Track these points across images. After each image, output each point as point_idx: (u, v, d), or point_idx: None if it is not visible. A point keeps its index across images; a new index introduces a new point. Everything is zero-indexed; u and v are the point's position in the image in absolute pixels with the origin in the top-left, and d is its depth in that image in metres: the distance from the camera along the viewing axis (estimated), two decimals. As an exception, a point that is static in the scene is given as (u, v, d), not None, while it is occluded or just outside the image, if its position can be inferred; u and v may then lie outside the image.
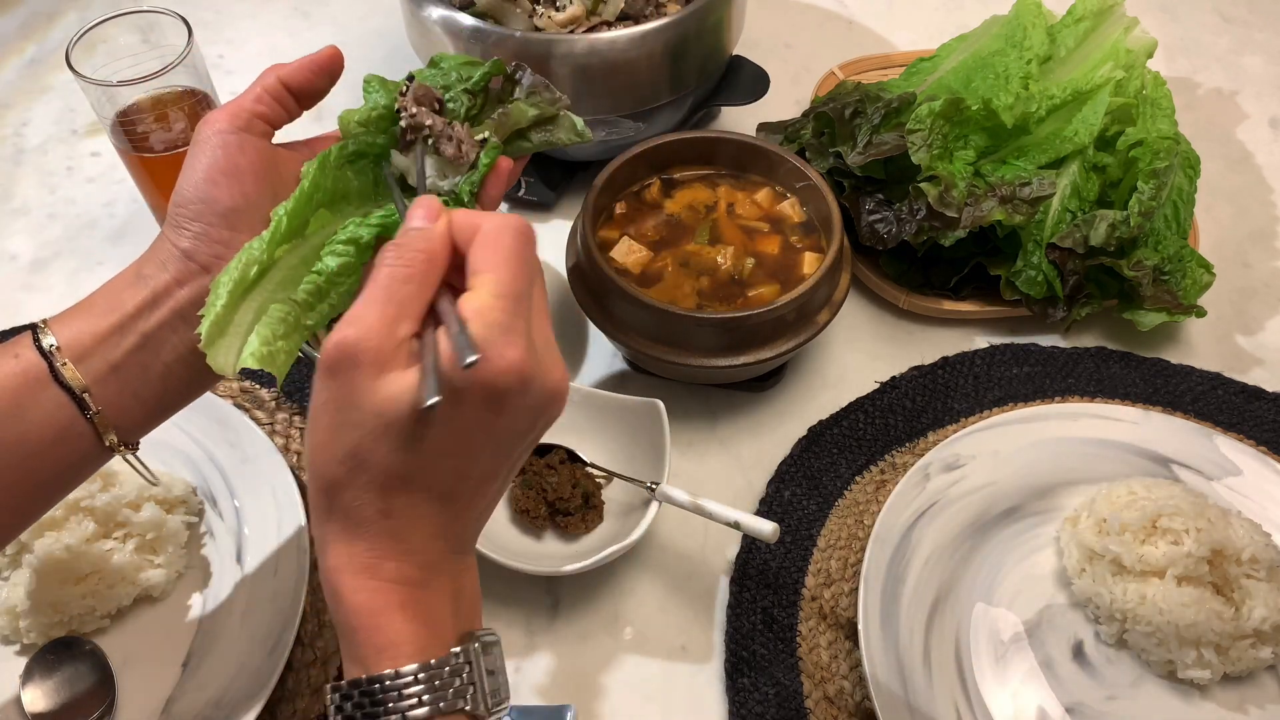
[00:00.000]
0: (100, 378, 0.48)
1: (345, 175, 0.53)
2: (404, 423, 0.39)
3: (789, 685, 0.65)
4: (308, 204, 0.50)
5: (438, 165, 0.54)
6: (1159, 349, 0.83)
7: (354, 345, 0.39)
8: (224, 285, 0.47)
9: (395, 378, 0.39)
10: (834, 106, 0.86)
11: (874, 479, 0.75)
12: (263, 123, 0.52)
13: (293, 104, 0.54)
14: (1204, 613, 0.62)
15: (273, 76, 0.52)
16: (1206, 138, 1.00)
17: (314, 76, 0.54)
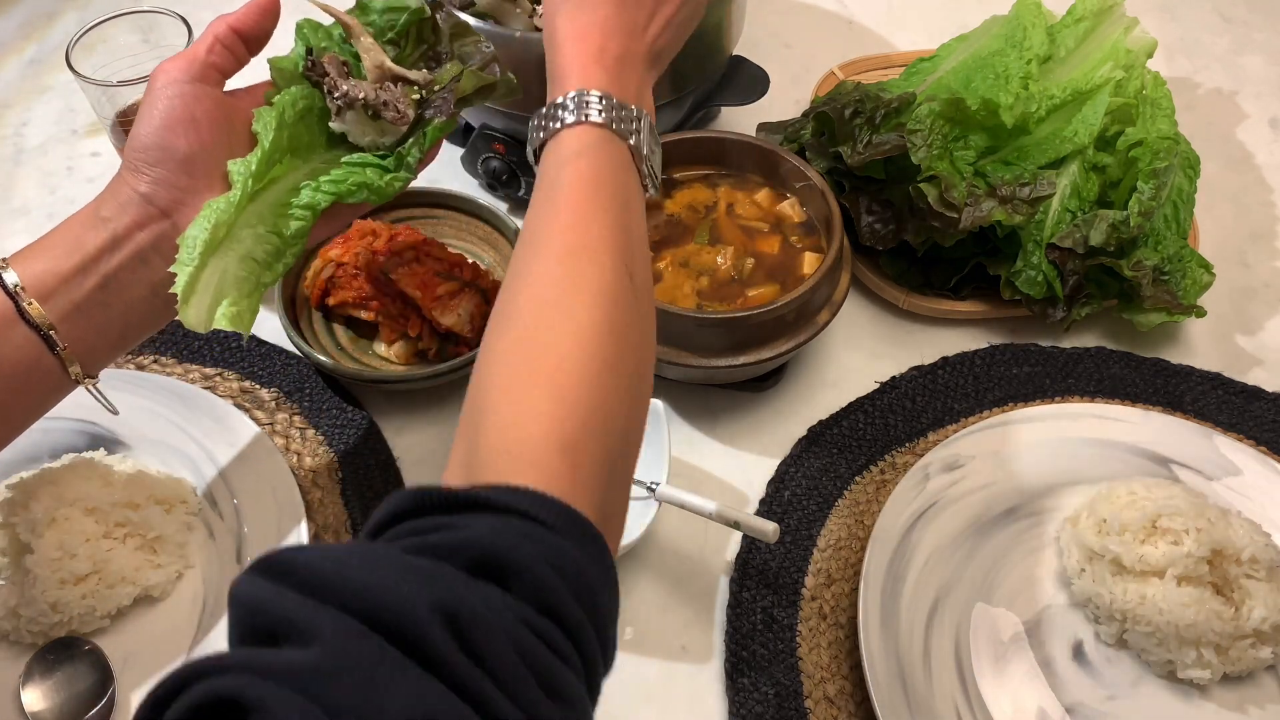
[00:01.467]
0: (65, 316, 0.52)
1: (299, 130, 0.57)
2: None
3: (789, 685, 0.65)
4: (267, 163, 0.54)
5: (376, 126, 0.58)
6: (1159, 349, 0.83)
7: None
8: (195, 244, 0.50)
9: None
10: (834, 106, 0.86)
11: (874, 479, 0.75)
12: (216, 72, 0.55)
13: (243, 50, 0.56)
14: (1204, 613, 0.62)
15: (223, 25, 0.55)
16: (1206, 138, 1.00)
17: (261, 19, 0.57)
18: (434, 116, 0.59)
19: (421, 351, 0.79)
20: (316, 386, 0.79)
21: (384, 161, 0.58)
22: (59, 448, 0.72)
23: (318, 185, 0.55)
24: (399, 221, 0.86)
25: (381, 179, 0.58)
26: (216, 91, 0.55)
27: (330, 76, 0.57)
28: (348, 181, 0.56)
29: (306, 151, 0.58)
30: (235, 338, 0.83)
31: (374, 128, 0.59)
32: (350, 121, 0.58)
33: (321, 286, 0.80)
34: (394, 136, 0.59)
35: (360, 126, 0.58)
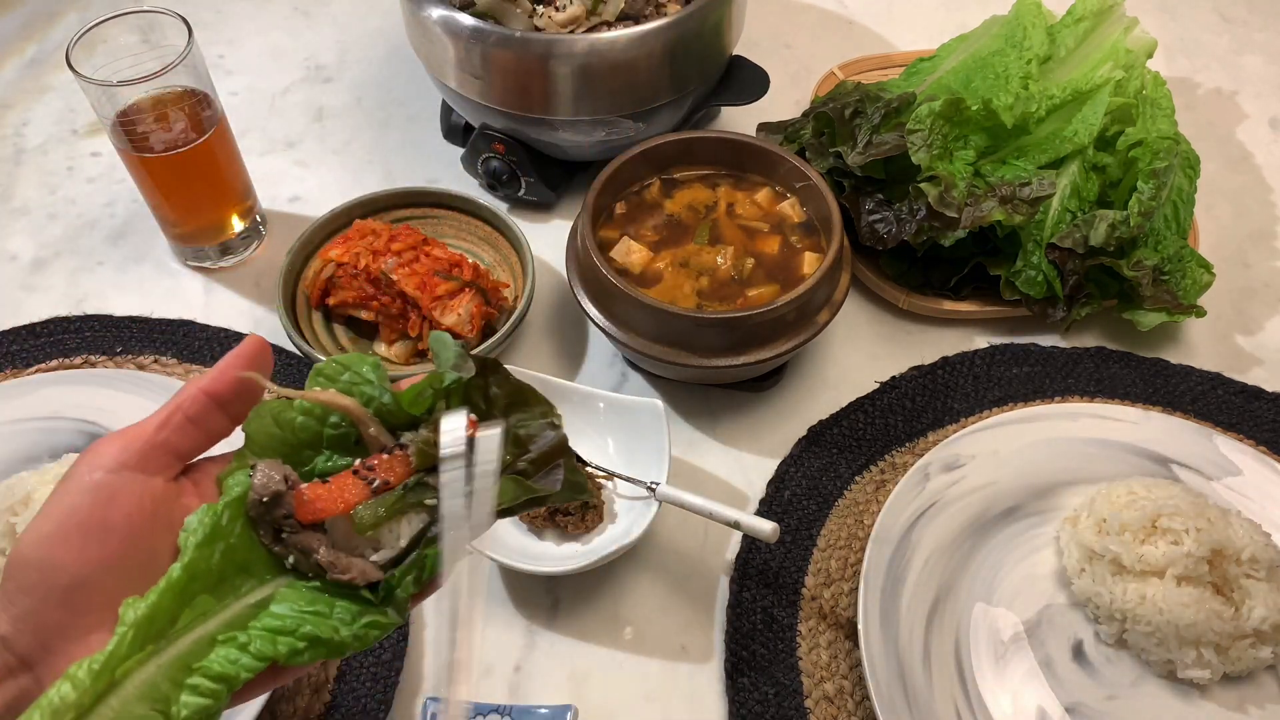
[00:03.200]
0: None
1: (244, 541, 0.40)
2: None
3: (789, 685, 0.65)
4: (176, 600, 0.37)
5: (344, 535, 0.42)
6: (1159, 349, 0.83)
7: None
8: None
9: None
10: (834, 106, 0.86)
11: (874, 479, 0.75)
12: (169, 454, 0.40)
13: (221, 420, 0.42)
14: (1204, 612, 0.62)
15: (193, 389, 0.41)
16: (1206, 138, 1.00)
17: (242, 381, 0.42)
18: (437, 535, 0.42)
19: (422, 352, 0.79)
20: (317, 386, 0.79)
21: (363, 593, 0.41)
22: (59, 448, 0.72)
23: (246, 640, 0.38)
24: (399, 222, 0.86)
25: (351, 627, 0.40)
26: (153, 484, 0.39)
27: (288, 520, 0.41)
28: (297, 632, 0.38)
29: (244, 575, 0.40)
30: (237, 339, 0.83)
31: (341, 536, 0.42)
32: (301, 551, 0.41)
33: (321, 286, 0.80)
34: (385, 554, 0.42)
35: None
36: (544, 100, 0.82)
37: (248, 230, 0.89)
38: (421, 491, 0.41)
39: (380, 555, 0.42)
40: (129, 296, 0.87)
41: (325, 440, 0.42)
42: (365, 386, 0.43)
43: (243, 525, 0.40)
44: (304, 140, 1.01)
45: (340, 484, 0.41)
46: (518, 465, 0.43)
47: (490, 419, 0.43)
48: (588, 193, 0.77)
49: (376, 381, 0.43)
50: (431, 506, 0.42)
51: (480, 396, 0.43)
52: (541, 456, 0.43)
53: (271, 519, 0.40)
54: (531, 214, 0.93)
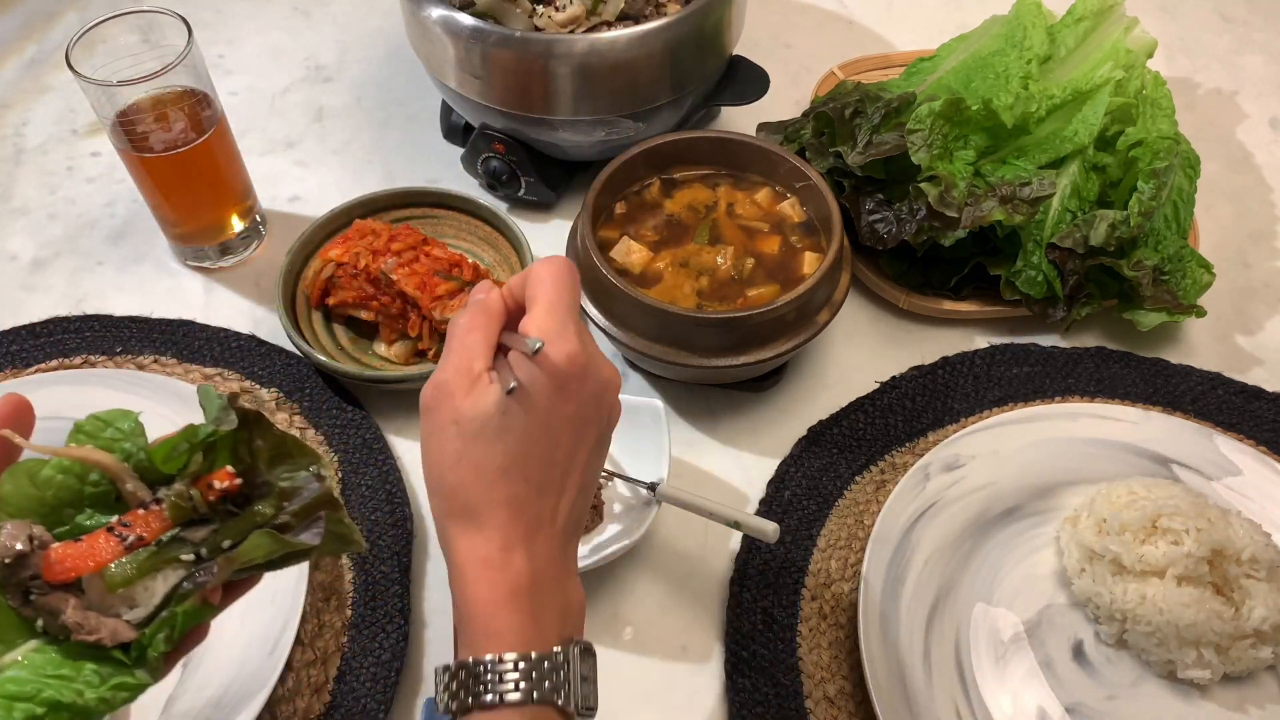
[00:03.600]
0: None
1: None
2: (493, 418, 0.45)
3: (789, 685, 0.65)
4: None
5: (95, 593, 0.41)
6: (1159, 349, 0.83)
7: (443, 382, 0.46)
8: None
9: (480, 391, 0.45)
10: (834, 106, 0.86)
11: (874, 479, 0.75)
12: None
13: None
14: (1204, 613, 0.62)
15: None
16: (1206, 138, 1.00)
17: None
18: (190, 593, 0.41)
19: (422, 351, 0.79)
20: (316, 386, 0.79)
21: (114, 654, 0.40)
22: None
23: None
24: (399, 222, 0.86)
25: (98, 690, 0.39)
26: None
27: (35, 580, 0.40)
28: (36, 698, 0.37)
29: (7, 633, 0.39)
30: (237, 339, 0.83)
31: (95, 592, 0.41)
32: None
33: (321, 286, 0.80)
34: (140, 612, 0.41)
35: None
36: (544, 100, 0.82)
37: (247, 230, 0.89)
38: (176, 547, 0.41)
39: (135, 614, 0.41)
40: (129, 296, 0.87)
41: (86, 498, 0.42)
42: (124, 442, 0.43)
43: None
44: (304, 140, 1.00)
45: (92, 542, 0.40)
46: (279, 519, 0.43)
47: (254, 473, 0.43)
48: (588, 193, 0.77)
49: (132, 437, 0.43)
50: (188, 562, 0.41)
51: (245, 450, 0.44)
52: (304, 509, 0.43)
53: (17, 581, 0.39)
54: (531, 214, 0.93)
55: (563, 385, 0.46)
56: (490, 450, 0.45)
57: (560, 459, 0.47)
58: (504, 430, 0.45)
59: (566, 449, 0.47)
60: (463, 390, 0.45)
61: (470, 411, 0.45)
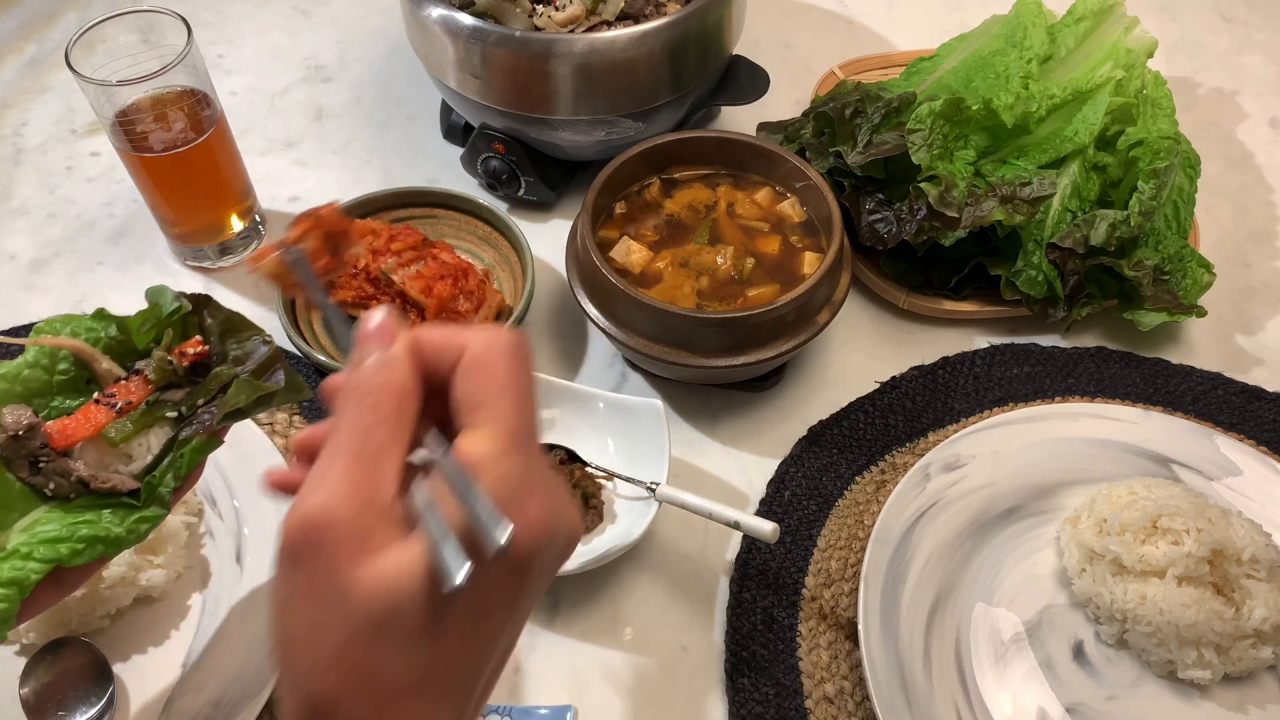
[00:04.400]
0: None
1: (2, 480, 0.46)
2: (410, 614, 0.30)
3: (789, 685, 0.65)
4: None
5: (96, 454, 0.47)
6: (1159, 349, 0.83)
7: (325, 521, 0.30)
8: None
9: (388, 557, 0.30)
10: (834, 106, 0.86)
11: (874, 479, 0.75)
12: None
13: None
14: (1204, 613, 0.62)
15: None
16: (1207, 137, 1.00)
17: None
18: (193, 435, 0.48)
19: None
20: (316, 386, 0.79)
21: (125, 500, 0.46)
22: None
23: (28, 550, 0.42)
24: (399, 221, 0.86)
25: (124, 523, 0.45)
26: None
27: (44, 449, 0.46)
28: (73, 537, 0.43)
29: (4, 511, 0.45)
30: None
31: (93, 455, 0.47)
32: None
33: (321, 286, 0.80)
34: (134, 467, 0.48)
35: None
36: (544, 100, 0.82)
37: (247, 230, 0.89)
38: (162, 407, 0.49)
39: (133, 467, 0.48)
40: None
41: (54, 386, 0.48)
42: (90, 331, 0.50)
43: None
44: (303, 140, 1.00)
45: (86, 413, 0.47)
46: (240, 378, 0.50)
47: (210, 345, 0.51)
48: (587, 192, 0.76)
49: (99, 325, 0.50)
50: (173, 419, 0.49)
51: (197, 329, 0.51)
52: (260, 366, 0.50)
53: (27, 451, 0.45)
54: (531, 214, 0.93)
55: (524, 566, 0.32)
56: (397, 660, 0.30)
57: (495, 657, 0.33)
58: (428, 637, 0.30)
59: (507, 644, 0.34)
60: (355, 547, 0.29)
61: (369, 597, 0.29)
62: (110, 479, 0.46)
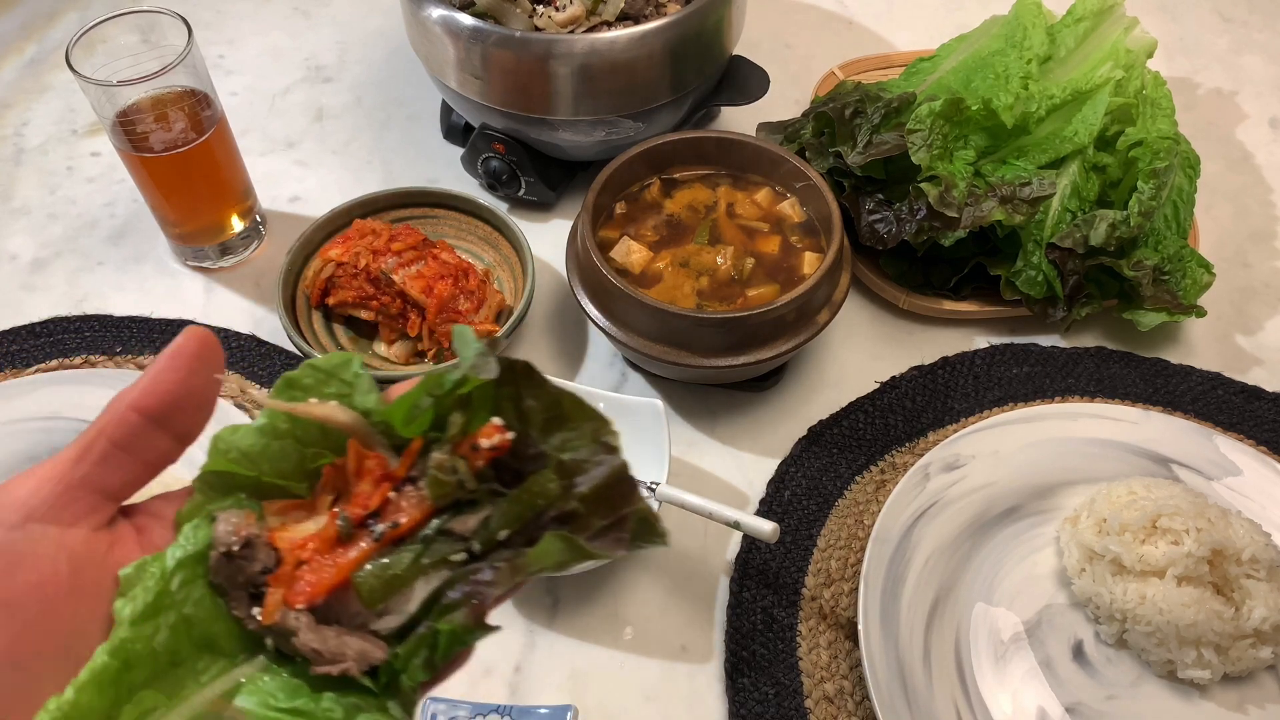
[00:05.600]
0: None
1: (206, 609, 0.31)
2: None
3: (789, 685, 0.65)
4: (107, 694, 0.28)
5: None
6: (1159, 349, 0.83)
7: None
8: None
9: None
10: (834, 106, 0.86)
11: (874, 479, 0.75)
12: (93, 495, 0.30)
13: (162, 442, 0.31)
14: (1204, 613, 0.62)
15: (119, 405, 0.31)
16: (1206, 137, 1.00)
17: (181, 385, 0.31)
18: (459, 606, 0.31)
19: (421, 352, 0.79)
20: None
21: (364, 682, 0.31)
22: (59, 448, 0.71)
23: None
24: (399, 221, 0.86)
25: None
26: (77, 536, 0.30)
27: (248, 572, 0.31)
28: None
29: (207, 654, 0.31)
30: (237, 339, 0.83)
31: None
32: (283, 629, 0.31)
33: (321, 286, 0.80)
34: (392, 621, 0.32)
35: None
36: (544, 100, 0.82)
37: (248, 230, 0.89)
38: (445, 543, 0.31)
39: (385, 623, 0.31)
40: (129, 296, 0.87)
41: (305, 474, 0.33)
42: (356, 398, 0.33)
43: (204, 589, 0.30)
44: (304, 140, 1.00)
45: (325, 540, 0.31)
46: (567, 505, 0.31)
47: (525, 440, 0.32)
48: (588, 193, 0.77)
49: (365, 392, 0.33)
50: (459, 563, 0.31)
51: (509, 409, 0.32)
52: (595, 492, 0.31)
53: (245, 578, 0.31)
54: (531, 214, 0.93)
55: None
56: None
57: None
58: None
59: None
60: None
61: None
62: (344, 653, 0.30)
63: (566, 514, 0.31)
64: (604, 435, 0.31)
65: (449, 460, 0.31)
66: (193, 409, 0.32)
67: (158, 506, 0.32)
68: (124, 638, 0.28)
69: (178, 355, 0.31)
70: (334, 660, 0.30)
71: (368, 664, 0.30)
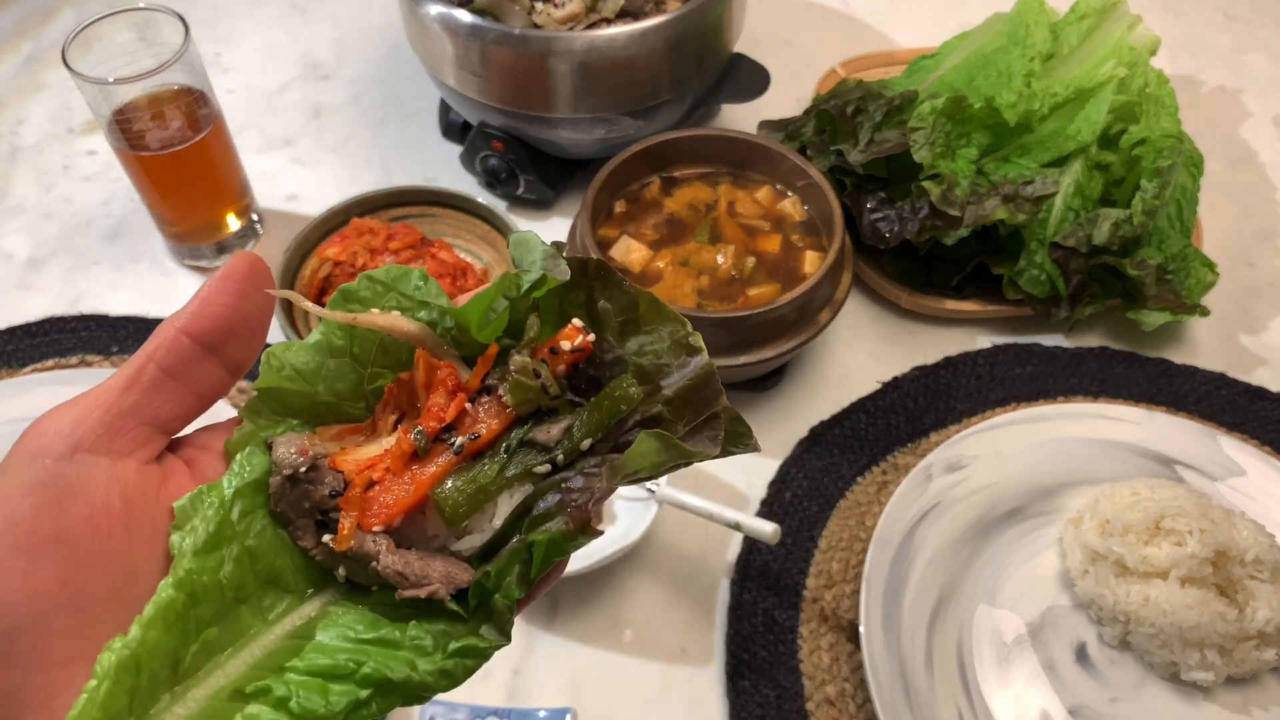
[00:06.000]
0: None
1: (270, 541, 0.28)
2: None
3: (790, 688, 0.64)
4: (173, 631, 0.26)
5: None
6: (1162, 349, 0.83)
7: None
8: None
9: None
10: (835, 104, 0.86)
11: (876, 480, 0.74)
12: (142, 425, 0.28)
13: (213, 370, 0.30)
14: (1207, 614, 0.62)
15: (168, 330, 0.29)
16: (1210, 136, 1.00)
17: (233, 309, 0.30)
18: (552, 516, 0.29)
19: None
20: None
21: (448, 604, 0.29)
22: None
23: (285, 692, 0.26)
24: (397, 220, 0.85)
25: (434, 659, 0.28)
26: (128, 468, 0.28)
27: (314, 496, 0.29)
28: (357, 675, 0.27)
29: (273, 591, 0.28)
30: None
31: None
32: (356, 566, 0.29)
33: (319, 285, 0.80)
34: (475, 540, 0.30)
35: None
36: (543, 98, 0.81)
37: (244, 229, 0.88)
38: (527, 453, 0.29)
39: (466, 543, 0.29)
40: (125, 296, 0.86)
41: (366, 394, 0.30)
42: (421, 308, 0.30)
43: (265, 519, 0.28)
44: (301, 138, 1.00)
45: (399, 456, 0.29)
46: (651, 409, 0.29)
47: (601, 345, 0.30)
48: (587, 191, 0.76)
49: (431, 299, 0.30)
50: (542, 474, 0.29)
51: (580, 315, 0.30)
52: (680, 394, 0.30)
53: (311, 503, 0.28)
54: (530, 212, 0.92)
55: None
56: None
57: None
58: None
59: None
60: None
61: None
62: (429, 574, 0.28)
63: (651, 418, 0.30)
64: (685, 336, 0.31)
65: (531, 363, 0.29)
66: (246, 335, 0.30)
67: (205, 438, 0.31)
68: (189, 568, 0.26)
69: (228, 278, 0.30)
70: (420, 583, 0.28)
71: (455, 586, 0.28)
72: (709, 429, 0.30)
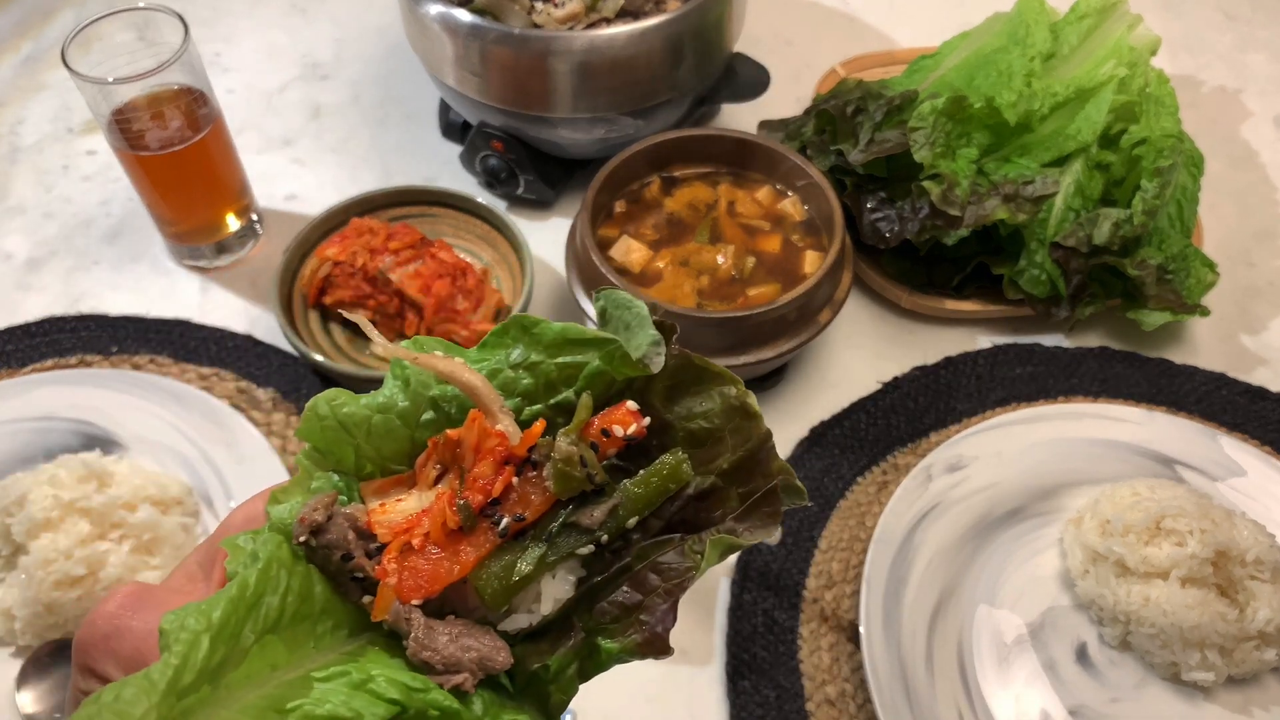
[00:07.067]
0: None
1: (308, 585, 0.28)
2: None
3: (790, 688, 0.64)
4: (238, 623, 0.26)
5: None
6: (1163, 349, 0.83)
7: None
8: None
9: None
10: (836, 104, 0.86)
11: (876, 480, 0.74)
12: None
13: None
14: (1208, 614, 0.62)
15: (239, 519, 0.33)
16: (1210, 136, 0.99)
17: None
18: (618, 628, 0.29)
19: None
20: (314, 386, 0.79)
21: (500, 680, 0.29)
22: (54, 448, 0.71)
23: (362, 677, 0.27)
24: (396, 220, 0.85)
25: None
26: None
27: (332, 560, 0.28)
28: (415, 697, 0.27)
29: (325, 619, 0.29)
30: (233, 338, 0.82)
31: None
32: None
33: (318, 285, 0.80)
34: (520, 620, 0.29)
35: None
36: (543, 98, 0.81)
37: (244, 229, 0.88)
38: (570, 536, 0.28)
39: (511, 623, 0.28)
40: (125, 296, 0.86)
41: (410, 453, 0.29)
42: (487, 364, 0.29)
43: (305, 565, 0.28)
44: (301, 138, 1.00)
45: (437, 520, 0.27)
46: (705, 484, 0.28)
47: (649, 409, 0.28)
48: (587, 191, 0.76)
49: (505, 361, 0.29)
50: (587, 556, 0.28)
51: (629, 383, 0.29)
52: (736, 464, 0.28)
53: (333, 569, 0.28)
54: (530, 212, 0.92)
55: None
56: None
57: None
58: None
59: None
60: None
61: None
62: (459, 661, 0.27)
63: (704, 492, 0.28)
64: (740, 399, 0.28)
65: (576, 451, 0.28)
66: None
67: None
68: (261, 573, 0.26)
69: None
70: (449, 671, 0.27)
71: (486, 673, 0.27)
72: (766, 504, 0.28)
